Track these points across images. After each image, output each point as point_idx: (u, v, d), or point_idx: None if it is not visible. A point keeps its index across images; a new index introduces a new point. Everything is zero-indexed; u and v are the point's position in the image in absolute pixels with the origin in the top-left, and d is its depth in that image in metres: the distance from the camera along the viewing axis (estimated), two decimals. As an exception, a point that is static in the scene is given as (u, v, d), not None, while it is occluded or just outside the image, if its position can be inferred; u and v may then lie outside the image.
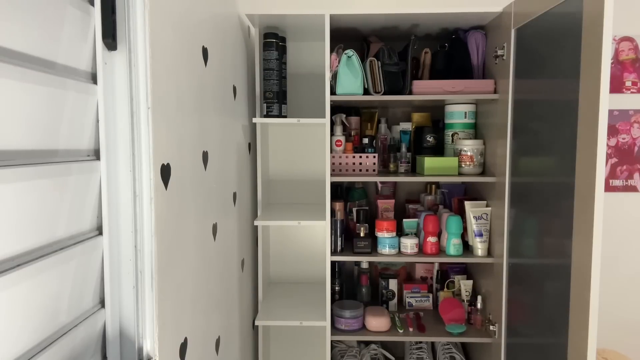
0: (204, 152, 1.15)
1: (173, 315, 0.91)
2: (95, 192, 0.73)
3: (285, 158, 1.93)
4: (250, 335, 1.75)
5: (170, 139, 0.90)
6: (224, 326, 1.36)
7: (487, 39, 1.63)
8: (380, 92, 1.54)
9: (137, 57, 0.76)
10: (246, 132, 1.70)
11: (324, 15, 1.49)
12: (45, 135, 0.62)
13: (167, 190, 0.88)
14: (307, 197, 1.93)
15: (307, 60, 1.88)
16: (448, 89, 1.54)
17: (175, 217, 0.93)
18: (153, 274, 0.80)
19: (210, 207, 1.21)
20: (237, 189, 1.54)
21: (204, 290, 1.14)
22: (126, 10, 0.74)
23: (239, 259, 1.57)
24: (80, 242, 0.68)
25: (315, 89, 1.85)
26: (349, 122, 1.78)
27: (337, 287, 1.83)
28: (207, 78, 1.19)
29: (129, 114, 0.76)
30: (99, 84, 0.72)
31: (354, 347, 1.82)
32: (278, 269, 1.96)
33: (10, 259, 0.55)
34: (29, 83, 0.58)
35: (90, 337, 0.71)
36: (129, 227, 0.77)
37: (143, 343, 0.79)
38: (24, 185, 0.57)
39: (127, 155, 0.76)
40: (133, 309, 0.77)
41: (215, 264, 1.26)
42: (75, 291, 0.68)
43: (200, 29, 1.13)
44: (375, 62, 1.54)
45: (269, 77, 1.62)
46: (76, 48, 0.68)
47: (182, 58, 0.98)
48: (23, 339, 0.57)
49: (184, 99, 1.00)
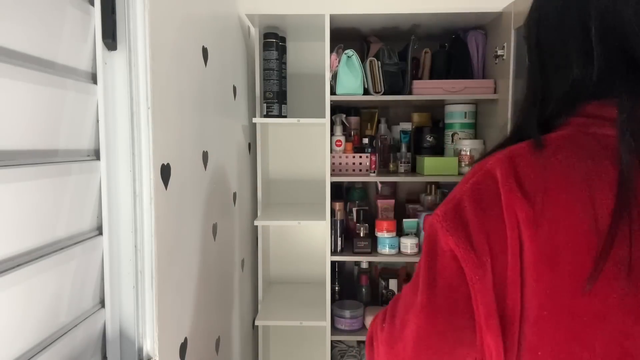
0: (204, 152, 1.15)
1: (173, 315, 0.91)
2: (95, 192, 0.73)
3: (285, 158, 1.93)
4: (250, 335, 1.75)
5: (170, 139, 0.90)
6: (224, 326, 1.36)
7: (487, 39, 1.63)
8: (380, 92, 1.54)
9: (137, 57, 0.76)
10: (246, 132, 1.70)
11: (324, 15, 1.48)
12: (46, 135, 0.62)
13: (167, 190, 0.88)
14: (307, 197, 1.93)
15: (307, 60, 1.88)
16: (448, 89, 1.54)
17: (175, 217, 0.93)
18: (153, 274, 0.80)
19: (210, 207, 1.21)
20: (237, 189, 1.54)
21: (204, 290, 1.14)
22: (126, 10, 0.74)
23: (239, 259, 1.57)
24: (80, 242, 0.68)
25: (315, 89, 1.85)
26: (349, 122, 1.78)
27: (337, 287, 1.82)
28: (207, 78, 1.19)
29: (129, 114, 0.76)
30: (99, 84, 0.72)
31: (354, 347, 1.82)
32: (278, 269, 1.96)
33: (10, 259, 0.55)
34: (29, 83, 0.58)
35: (90, 337, 0.71)
36: (129, 227, 0.77)
37: (143, 343, 0.79)
38: (24, 185, 0.57)
39: (127, 155, 0.76)
40: (133, 309, 0.77)
41: (215, 264, 1.26)
42: (75, 291, 0.68)
43: (200, 29, 1.13)
44: (375, 62, 1.54)
45: (269, 77, 1.62)
46: (76, 48, 0.68)
47: (182, 58, 0.98)
48: (23, 338, 0.57)
49: (184, 99, 1.00)
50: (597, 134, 0.49)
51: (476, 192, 0.50)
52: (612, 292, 0.44)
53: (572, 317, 0.45)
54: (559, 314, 0.46)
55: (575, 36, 0.52)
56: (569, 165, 0.48)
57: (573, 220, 0.46)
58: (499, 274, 0.48)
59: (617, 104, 0.48)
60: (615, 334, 0.44)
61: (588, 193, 0.46)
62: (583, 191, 0.46)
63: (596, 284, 0.44)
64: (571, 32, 0.52)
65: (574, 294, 0.45)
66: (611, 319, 0.44)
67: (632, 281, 0.44)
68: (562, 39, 0.53)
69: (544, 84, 0.56)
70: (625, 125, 0.47)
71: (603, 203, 0.46)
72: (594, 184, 0.46)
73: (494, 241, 0.48)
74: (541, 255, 0.46)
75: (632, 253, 0.43)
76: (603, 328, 0.44)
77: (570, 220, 0.46)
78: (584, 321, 0.45)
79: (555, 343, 0.46)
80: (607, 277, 0.44)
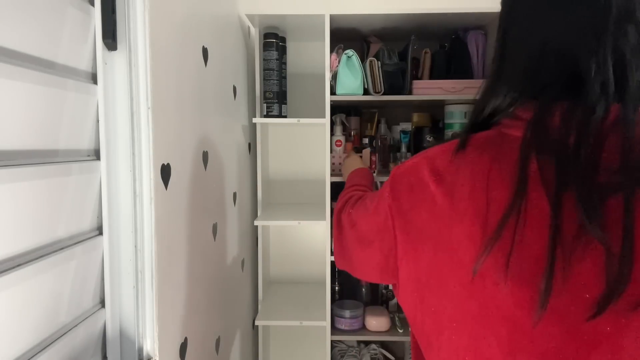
0: (204, 152, 1.15)
1: (173, 315, 0.91)
2: (96, 192, 0.73)
3: (285, 158, 1.93)
4: (250, 335, 1.75)
5: (170, 139, 0.90)
6: (224, 326, 1.36)
7: (487, 39, 1.63)
8: (380, 92, 1.54)
9: (137, 57, 0.76)
10: (246, 132, 1.70)
11: (324, 15, 1.48)
12: (45, 135, 0.62)
13: (167, 190, 0.88)
14: (307, 197, 1.93)
15: (307, 60, 1.88)
16: (448, 89, 1.54)
17: (175, 217, 0.93)
18: (153, 274, 0.80)
19: (210, 207, 1.21)
20: (237, 189, 1.54)
21: (204, 290, 1.14)
22: (126, 10, 0.74)
23: (239, 259, 1.57)
24: (80, 242, 0.68)
25: (315, 89, 1.85)
26: (349, 122, 1.78)
27: (337, 287, 1.82)
28: (207, 78, 1.19)
29: (129, 114, 0.76)
30: (99, 84, 0.72)
31: (354, 347, 1.82)
32: (278, 269, 1.96)
33: (10, 259, 0.55)
34: (29, 83, 0.58)
35: (90, 337, 0.71)
36: (129, 227, 0.77)
37: (143, 343, 0.79)
38: (24, 185, 0.57)
39: (127, 155, 0.76)
40: (133, 309, 0.77)
41: (215, 264, 1.26)
42: (75, 291, 0.68)
43: (200, 29, 1.13)
44: (375, 62, 1.54)
45: (269, 77, 1.62)
46: (76, 48, 0.68)
47: (182, 58, 0.98)
48: (23, 338, 0.57)
49: (184, 99, 1.00)
50: (510, 135, 0.53)
51: (405, 176, 0.60)
52: (490, 278, 0.48)
53: (470, 295, 0.50)
54: (460, 294, 0.51)
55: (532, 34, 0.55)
56: (475, 164, 0.53)
57: (470, 218, 0.50)
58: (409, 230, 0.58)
59: (535, 107, 0.51)
60: (506, 320, 0.48)
61: (485, 193, 0.50)
62: (481, 191, 0.50)
63: (480, 270, 0.49)
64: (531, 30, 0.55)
65: (468, 278, 0.50)
66: (497, 303, 0.48)
67: (509, 274, 0.47)
68: (521, 35, 0.57)
69: (496, 76, 0.59)
70: (530, 129, 0.50)
71: (497, 203, 0.49)
72: (491, 185, 0.50)
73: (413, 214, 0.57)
74: (438, 244, 0.53)
75: (512, 247, 0.47)
76: (493, 312, 0.49)
77: (468, 217, 0.50)
78: (479, 303, 0.49)
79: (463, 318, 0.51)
80: (488, 266, 0.48)
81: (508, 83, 0.56)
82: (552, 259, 0.45)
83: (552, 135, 0.48)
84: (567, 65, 0.50)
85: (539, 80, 0.52)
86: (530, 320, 0.46)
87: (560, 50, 0.51)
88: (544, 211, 0.46)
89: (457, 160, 0.54)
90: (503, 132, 0.54)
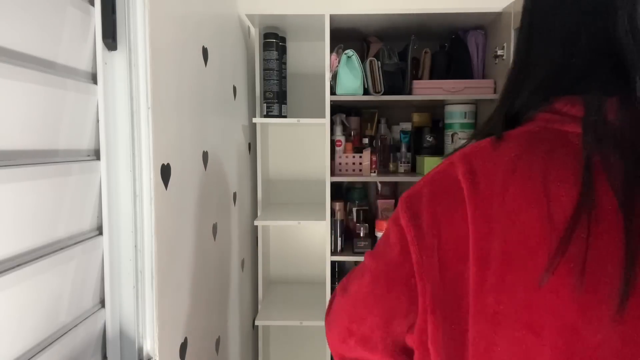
0: (204, 152, 1.15)
1: (173, 315, 0.91)
2: (95, 192, 0.73)
3: (285, 158, 1.93)
4: (250, 335, 1.75)
5: (170, 139, 0.90)
6: (224, 326, 1.36)
7: (487, 39, 1.63)
8: (380, 92, 1.54)
9: (137, 57, 0.76)
10: (246, 132, 1.70)
11: (324, 15, 1.49)
12: (46, 135, 0.62)
13: (167, 190, 0.88)
14: (307, 197, 1.93)
15: (307, 60, 1.88)
16: (448, 89, 1.54)
17: (175, 217, 0.93)
18: (153, 274, 0.80)
19: (210, 207, 1.21)
20: (237, 189, 1.54)
21: (204, 290, 1.14)
22: (126, 10, 0.74)
23: (239, 258, 1.57)
24: (80, 242, 0.68)
25: (315, 89, 1.85)
26: (349, 122, 1.78)
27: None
28: (207, 78, 1.19)
29: (129, 114, 0.76)
30: (99, 84, 0.72)
31: (354, 347, 1.81)
32: (278, 269, 1.96)
33: (10, 259, 0.55)
34: (29, 83, 0.58)
35: (90, 337, 0.71)
36: (129, 227, 0.77)
37: (143, 343, 0.79)
38: (24, 185, 0.57)
39: (127, 155, 0.76)
40: (133, 309, 0.77)
41: (215, 264, 1.26)
42: (75, 291, 0.68)
43: (200, 29, 1.13)
44: (375, 62, 1.54)
45: (269, 77, 1.62)
46: (76, 48, 0.68)
47: (182, 58, 0.98)
48: (23, 338, 0.57)
49: (184, 99, 1.00)
50: (560, 131, 0.49)
51: (436, 182, 0.53)
52: (564, 288, 0.43)
53: (529, 311, 0.45)
54: (516, 307, 0.46)
55: (564, 24, 0.51)
56: (522, 161, 0.48)
57: (526, 216, 0.46)
58: (445, 261, 0.50)
59: (584, 101, 0.47)
60: (567, 329, 0.44)
61: (543, 189, 0.46)
62: (537, 188, 0.46)
63: (550, 279, 0.44)
64: (562, 21, 0.52)
65: (529, 289, 0.45)
66: (563, 312, 0.43)
67: (585, 279, 0.43)
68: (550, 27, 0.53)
69: (523, 70, 0.56)
70: (589, 125, 0.46)
71: (559, 200, 0.45)
72: (549, 181, 0.46)
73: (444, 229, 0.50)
74: (493, 251, 0.46)
75: (587, 252, 0.43)
76: (554, 322, 0.44)
77: (523, 216, 0.46)
78: (539, 314, 0.44)
79: (512, 336, 0.46)
80: (561, 274, 0.44)
81: (537, 78, 0.53)
82: (630, 260, 0.41)
83: (612, 130, 0.45)
84: (605, 55, 0.48)
85: (573, 73, 0.50)
86: (594, 329, 0.42)
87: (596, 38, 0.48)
88: (612, 208, 0.44)
89: (497, 159, 0.49)
90: (549, 128, 0.50)
